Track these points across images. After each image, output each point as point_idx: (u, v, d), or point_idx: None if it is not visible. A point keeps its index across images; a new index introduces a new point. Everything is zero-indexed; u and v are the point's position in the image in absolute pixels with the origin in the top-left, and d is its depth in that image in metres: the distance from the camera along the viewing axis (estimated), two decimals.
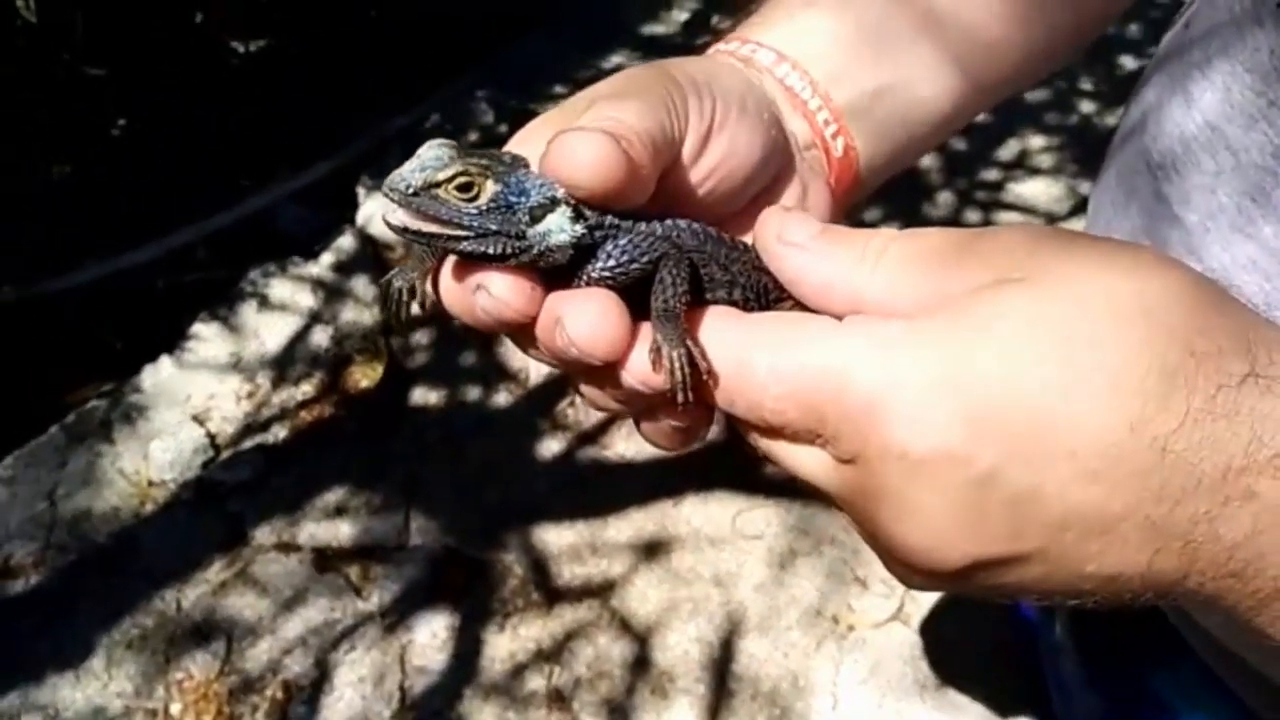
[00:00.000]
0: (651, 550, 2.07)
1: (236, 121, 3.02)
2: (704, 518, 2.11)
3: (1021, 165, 2.96)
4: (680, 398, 0.48)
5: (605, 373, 0.51)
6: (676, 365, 0.48)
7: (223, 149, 2.94)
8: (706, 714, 1.88)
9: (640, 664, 1.94)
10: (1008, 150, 3.01)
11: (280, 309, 2.45)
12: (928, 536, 0.44)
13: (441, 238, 0.50)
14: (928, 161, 2.93)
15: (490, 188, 0.50)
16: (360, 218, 2.72)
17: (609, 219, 0.52)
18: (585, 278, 0.51)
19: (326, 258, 2.58)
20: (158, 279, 2.68)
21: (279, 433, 2.23)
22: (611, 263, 0.51)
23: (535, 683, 1.90)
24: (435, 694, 1.87)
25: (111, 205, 2.82)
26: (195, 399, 2.26)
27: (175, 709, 1.83)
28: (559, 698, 1.89)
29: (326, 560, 2.03)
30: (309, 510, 2.10)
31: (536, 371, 2.31)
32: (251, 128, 3.04)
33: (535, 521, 2.09)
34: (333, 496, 2.13)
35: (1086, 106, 3.21)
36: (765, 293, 0.55)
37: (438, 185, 0.49)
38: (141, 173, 2.90)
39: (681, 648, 1.96)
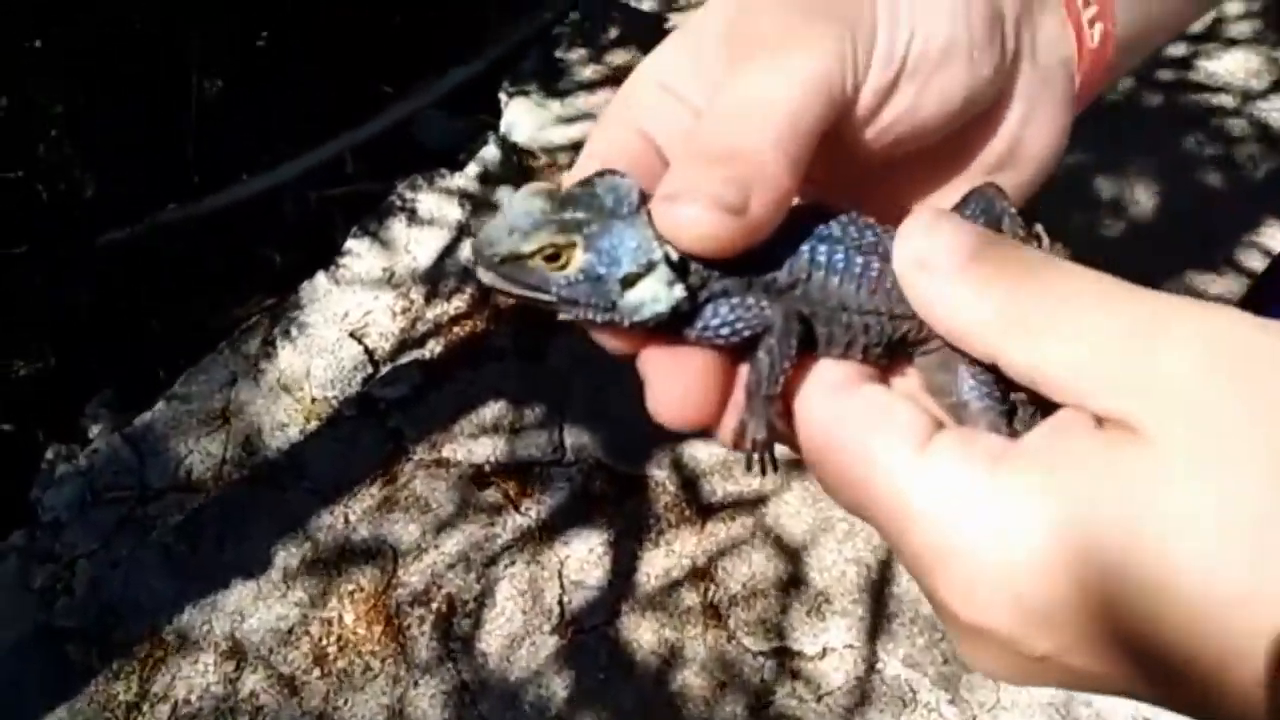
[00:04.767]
0: (801, 467, 2.02)
1: (377, 29, 3.00)
2: None
3: (1214, 37, 2.68)
4: (757, 473, 0.48)
5: None
6: (756, 447, 0.47)
7: (364, 58, 2.93)
8: (865, 636, 1.86)
9: (795, 583, 1.92)
10: (1198, 21, 2.72)
11: (429, 223, 2.46)
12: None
13: (532, 300, 0.48)
14: None
15: (579, 258, 0.46)
16: (504, 125, 2.68)
17: (714, 278, 0.47)
18: (691, 333, 0.48)
19: (472, 168, 2.56)
20: (310, 192, 2.73)
21: (434, 348, 2.26)
22: (714, 327, 0.47)
23: (690, 599, 1.91)
24: (594, 609, 1.90)
25: (262, 120, 2.87)
26: (352, 315, 2.31)
27: (349, 619, 1.92)
28: (715, 614, 1.89)
29: (483, 475, 2.07)
30: (465, 426, 2.14)
31: None
32: (392, 33, 3.02)
33: (684, 438, 2.08)
34: (488, 412, 2.16)
35: None
36: (899, 343, 0.49)
37: (524, 256, 0.46)
38: (287, 86, 2.93)
39: (838, 569, 1.93)
